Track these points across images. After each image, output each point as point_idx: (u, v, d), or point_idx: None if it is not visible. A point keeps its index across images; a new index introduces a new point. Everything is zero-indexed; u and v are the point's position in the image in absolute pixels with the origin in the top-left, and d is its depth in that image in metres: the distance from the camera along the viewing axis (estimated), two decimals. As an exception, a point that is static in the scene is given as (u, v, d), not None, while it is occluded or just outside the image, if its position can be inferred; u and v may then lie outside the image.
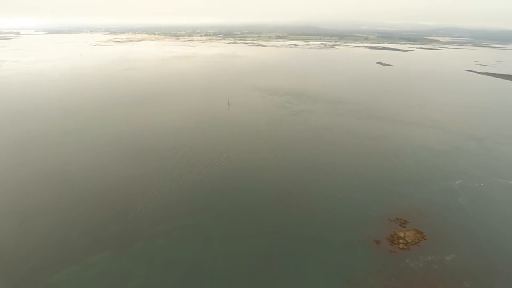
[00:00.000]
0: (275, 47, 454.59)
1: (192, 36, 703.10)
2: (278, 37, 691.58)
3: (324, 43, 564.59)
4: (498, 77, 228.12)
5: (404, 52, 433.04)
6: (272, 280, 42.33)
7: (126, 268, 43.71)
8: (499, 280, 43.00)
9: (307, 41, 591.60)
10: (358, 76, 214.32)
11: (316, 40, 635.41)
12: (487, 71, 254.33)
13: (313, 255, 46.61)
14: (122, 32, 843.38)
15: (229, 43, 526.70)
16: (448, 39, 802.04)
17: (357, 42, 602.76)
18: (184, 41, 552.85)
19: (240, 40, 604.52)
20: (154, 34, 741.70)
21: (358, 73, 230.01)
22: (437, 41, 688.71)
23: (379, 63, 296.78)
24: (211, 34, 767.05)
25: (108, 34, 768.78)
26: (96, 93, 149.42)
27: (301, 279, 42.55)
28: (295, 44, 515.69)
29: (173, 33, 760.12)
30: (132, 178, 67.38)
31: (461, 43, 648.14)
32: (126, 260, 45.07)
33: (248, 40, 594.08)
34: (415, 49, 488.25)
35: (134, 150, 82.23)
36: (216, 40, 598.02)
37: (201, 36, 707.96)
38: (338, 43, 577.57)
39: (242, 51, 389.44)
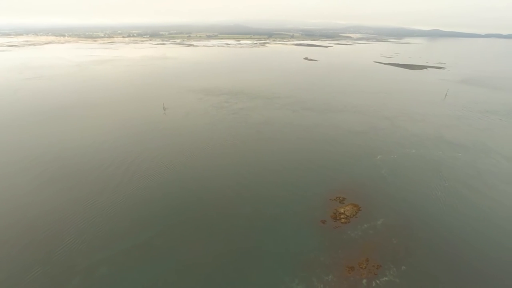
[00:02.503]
0: (207, 47, 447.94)
1: (113, 37, 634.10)
2: (209, 37, 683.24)
3: (255, 41, 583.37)
4: (397, 66, 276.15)
5: (325, 48, 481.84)
6: (232, 279, 42.15)
7: (61, 311, 37.25)
8: (416, 232, 52.35)
9: (238, 40, 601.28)
10: (288, 72, 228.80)
11: (247, 39, 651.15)
12: (389, 62, 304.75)
13: (269, 246, 48.18)
14: (19, 34, 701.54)
15: (157, 44, 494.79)
16: (358, 35, 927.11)
17: (284, 40, 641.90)
18: (104, 43, 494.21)
19: (168, 40, 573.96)
20: (64, 36, 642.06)
21: (288, 68, 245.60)
22: (350, 38, 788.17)
23: (306, 58, 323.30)
24: (135, 35, 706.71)
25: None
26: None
27: (261, 271, 43.57)
28: (227, 44, 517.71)
29: (89, 35, 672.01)
30: (57, 208, 57.36)
31: (368, 39, 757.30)
32: (60, 302, 38.40)
33: (178, 41, 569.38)
34: (334, 45, 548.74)
35: (58, 174, 70.03)
36: (142, 41, 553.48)
37: (123, 37, 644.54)
38: (267, 41, 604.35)
39: (172, 52, 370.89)
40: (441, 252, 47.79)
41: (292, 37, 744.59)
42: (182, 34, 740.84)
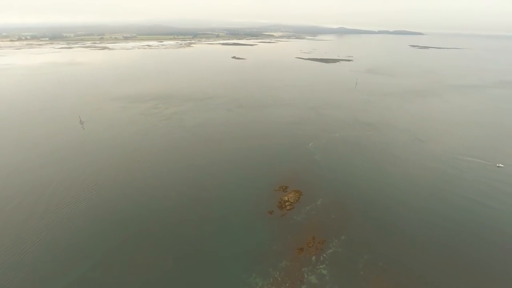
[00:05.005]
0: (126, 50, 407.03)
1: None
2: (127, 38, 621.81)
3: (179, 42, 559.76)
4: (315, 61, 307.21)
5: (251, 46, 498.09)
6: (190, 284, 40.15)
7: None
8: (349, 204, 59.79)
9: (161, 41, 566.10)
10: (218, 71, 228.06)
11: (170, 39, 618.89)
12: (308, 57, 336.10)
13: (222, 248, 47.57)
14: None
15: (61, 48, 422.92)
16: (279, 33, 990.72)
17: (210, 40, 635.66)
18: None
19: (76, 43, 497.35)
20: None
21: (217, 68, 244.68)
22: (272, 36, 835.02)
23: (234, 57, 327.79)
24: (28, 37, 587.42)
25: None
26: None
27: (217, 275, 42.69)
28: (148, 45, 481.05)
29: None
30: None
31: (288, 37, 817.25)
32: None
33: (88, 43, 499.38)
34: (258, 43, 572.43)
35: None
36: (40, 45, 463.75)
37: (12, 41, 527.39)
38: (193, 41, 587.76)
39: (82, 56, 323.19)
40: (369, 216, 56.03)
41: (218, 36, 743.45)
42: (93, 36, 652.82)
